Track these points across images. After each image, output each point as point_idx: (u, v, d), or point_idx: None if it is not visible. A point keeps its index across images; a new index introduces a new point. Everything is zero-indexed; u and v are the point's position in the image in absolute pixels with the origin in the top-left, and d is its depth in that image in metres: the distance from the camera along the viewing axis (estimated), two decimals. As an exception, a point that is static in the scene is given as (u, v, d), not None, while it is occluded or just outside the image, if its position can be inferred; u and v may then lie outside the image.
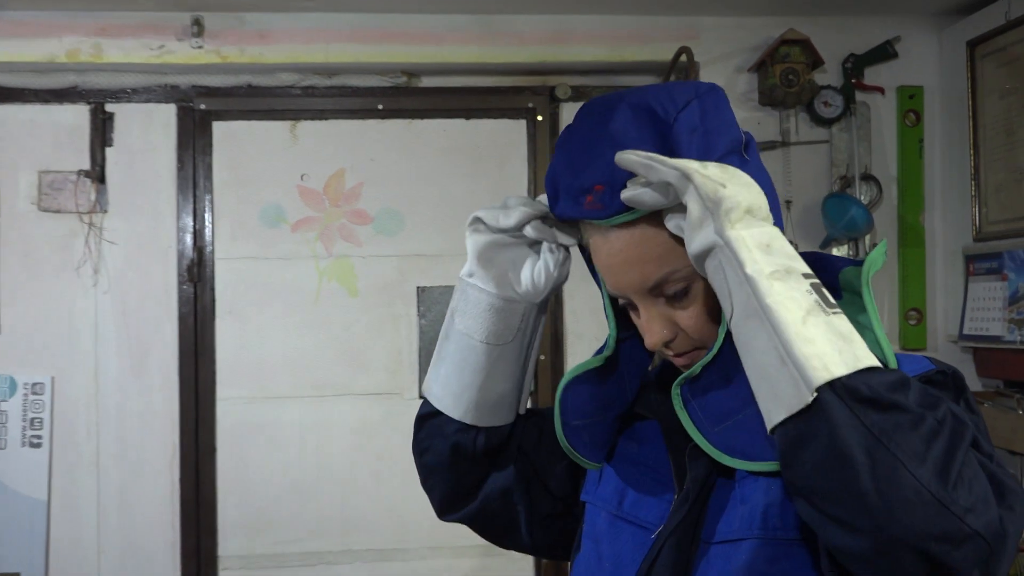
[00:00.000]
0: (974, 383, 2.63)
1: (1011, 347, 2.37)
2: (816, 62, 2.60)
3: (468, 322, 1.01)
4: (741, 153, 0.88)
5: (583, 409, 0.99)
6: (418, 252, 2.69)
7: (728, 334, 0.86)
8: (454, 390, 1.04)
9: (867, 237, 2.65)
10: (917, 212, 2.69)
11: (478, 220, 1.00)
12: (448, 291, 2.66)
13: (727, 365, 0.88)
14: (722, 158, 0.86)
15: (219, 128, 2.65)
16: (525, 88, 2.70)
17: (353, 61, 2.57)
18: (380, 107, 2.67)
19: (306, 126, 2.68)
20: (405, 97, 2.68)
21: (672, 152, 0.84)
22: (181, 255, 2.63)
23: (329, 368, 2.66)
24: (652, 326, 0.91)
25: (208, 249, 2.64)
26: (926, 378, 0.86)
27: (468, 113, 2.70)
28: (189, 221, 2.63)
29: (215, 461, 2.65)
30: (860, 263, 0.89)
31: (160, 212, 2.64)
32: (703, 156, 0.84)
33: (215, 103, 2.64)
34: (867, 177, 2.67)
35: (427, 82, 2.70)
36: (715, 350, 0.88)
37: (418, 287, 2.70)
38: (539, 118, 2.69)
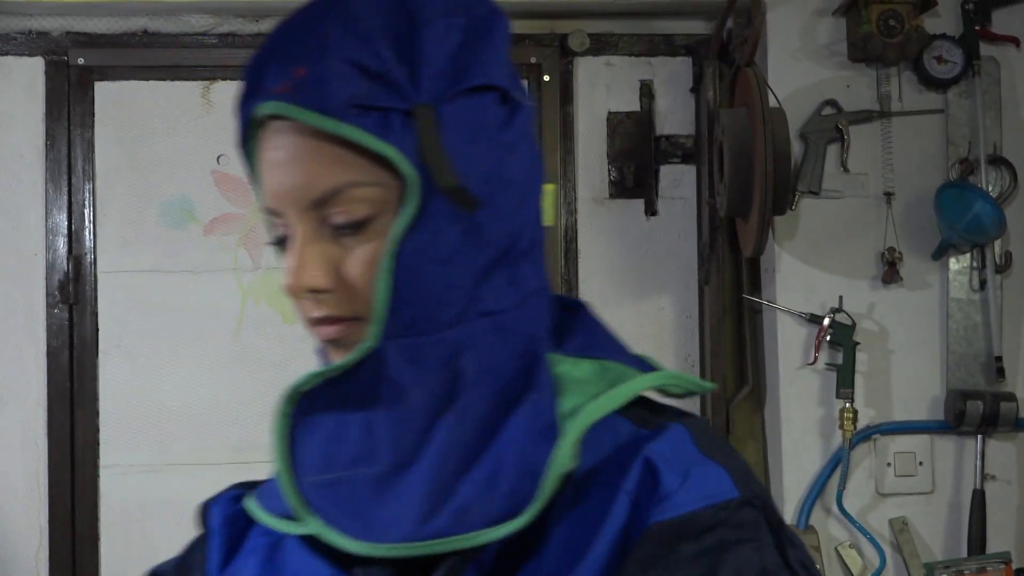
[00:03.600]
0: None
1: None
2: (927, 3, 2.32)
3: None
4: (502, 103, 0.77)
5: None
6: (382, 262, 2.40)
7: (388, 343, 0.73)
8: None
9: (996, 243, 2.32)
10: (1065, 209, 2.42)
11: None
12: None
13: (363, 391, 0.74)
14: (472, 93, 0.74)
15: (104, 91, 2.45)
16: (527, 37, 2.53)
17: (289, -1, 2.34)
18: (327, 62, 2.43)
19: (225, 89, 2.46)
20: (361, 48, 2.43)
21: (408, 59, 0.74)
22: (51, 267, 2.43)
23: (257, 424, 2.41)
24: (305, 263, 0.74)
25: (88, 259, 2.45)
26: (724, 512, 0.71)
27: (449, 71, 2.46)
28: (62, 220, 2.43)
29: (98, 552, 2.41)
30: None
31: (21, 207, 2.43)
32: (452, 81, 0.74)
33: (98, 56, 2.44)
34: (996, 160, 2.38)
35: (390, 27, 2.47)
36: (354, 357, 0.73)
37: (381, 310, 2.41)
38: (546, 77, 2.52)
